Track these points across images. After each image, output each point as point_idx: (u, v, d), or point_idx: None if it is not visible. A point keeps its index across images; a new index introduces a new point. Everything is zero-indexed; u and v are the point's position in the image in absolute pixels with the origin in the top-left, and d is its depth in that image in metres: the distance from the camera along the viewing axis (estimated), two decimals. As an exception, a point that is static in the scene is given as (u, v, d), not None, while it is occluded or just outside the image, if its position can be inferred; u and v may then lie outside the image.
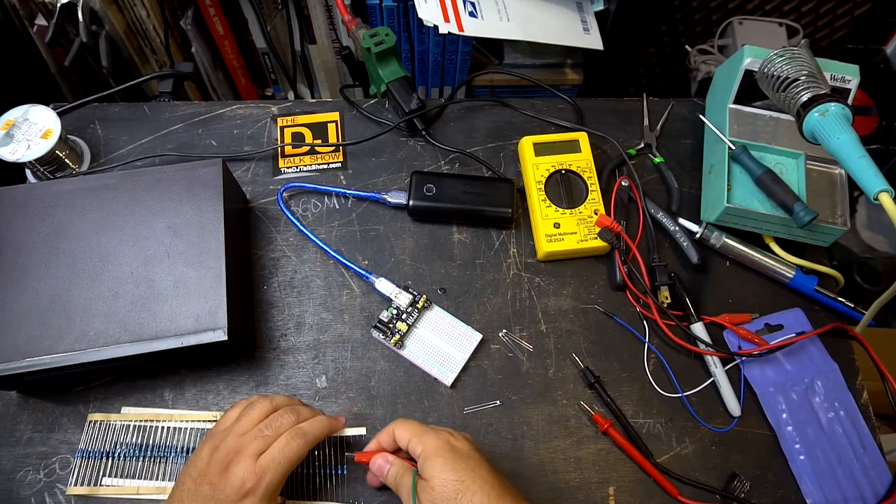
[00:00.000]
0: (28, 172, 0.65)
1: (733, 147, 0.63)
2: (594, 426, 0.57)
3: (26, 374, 0.50)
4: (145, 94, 0.96)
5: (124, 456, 0.54)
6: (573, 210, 0.64)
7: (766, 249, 0.65)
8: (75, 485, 0.53)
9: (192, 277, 0.53)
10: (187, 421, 0.56)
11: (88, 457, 0.54)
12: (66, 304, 0.52)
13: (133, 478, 0.54)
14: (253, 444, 0.47)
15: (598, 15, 0.89)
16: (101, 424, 0.55)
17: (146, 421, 0.56)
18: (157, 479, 0.54)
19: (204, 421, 0.56)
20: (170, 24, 0.95)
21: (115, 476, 0.54)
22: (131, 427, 0.55)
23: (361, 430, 0.55)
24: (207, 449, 0.48)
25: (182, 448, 0.55)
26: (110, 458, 0.54)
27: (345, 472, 0.54)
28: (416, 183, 0.64)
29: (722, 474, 0.57)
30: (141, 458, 0.54)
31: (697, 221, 0.65)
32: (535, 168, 0.66)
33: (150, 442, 0.55)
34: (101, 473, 0.54)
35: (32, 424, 0.56)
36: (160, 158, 0.66)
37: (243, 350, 0.58)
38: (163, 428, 0.55)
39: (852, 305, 0.62)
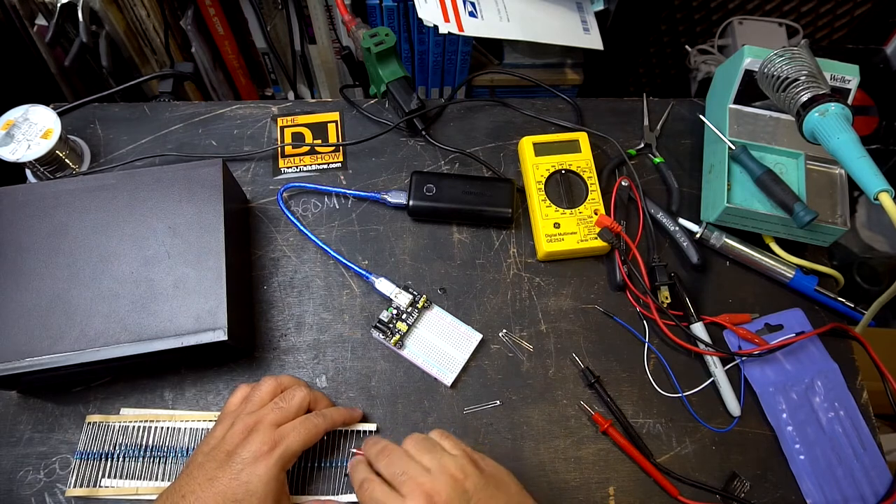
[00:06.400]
0: (28, 172, 0.65)
1: (733, 147, 0.63)
2: (594, 426, 0.57)
3: (26, 374, 0.50)
4: (145, 94, 0.96)
5: (123, 457, 0.54)
6: (573, 210, 0.64)
7: (766, 249, 0.65)
8: (74, 486, 0.53)
9: (192, 277, 0.53)
10: (186, 421, 0.56)
11: (87, 458, 0.54)
12: (66, 304, 0.52)
13: (132, 478, 0.54)
14: (271, 415, 0.49)
15: (598, 15, 0.89)
16: (99, 426, 0.55)
17: (145, 421, 0.56)
18: (156, 479, 0.53)
19: (202, 421, 0.56)
20: (170, 24, 0.95)
21: (114, 477, 0.54)
22: (130, 428, 0.55)
23: (372, 426, 0.56)
24: (221, 428, 0.49)
25: (181, 448, 0.55)
26: (109, 459, 0.54)
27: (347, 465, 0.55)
28: (416, 183, 0.64)
29: (722, 474, 0.57)
30: (140, 459, 0.54)
31: (697, 221, 0.65)
32: (535, 168, 0.66)
33: (149, 442, 0.55)
34: (100, 474, 0.54)
35: (32, 424, 0.56)
36: (160, 158, 0.66)
37: (243, 350, 0.58)
38: (162, 428, 0.55)
39: (852, 305, 0.62)
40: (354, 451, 0.54)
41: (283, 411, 0.50)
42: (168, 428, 0.55)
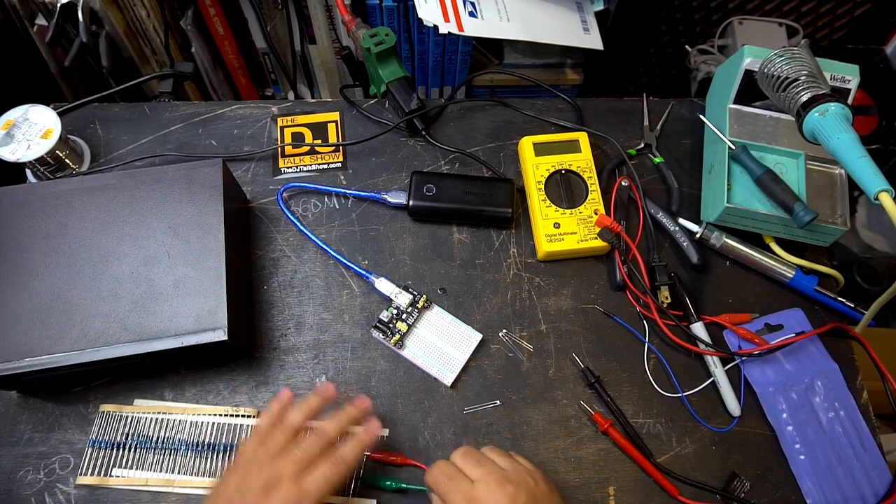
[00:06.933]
0: (28, 172, 0.65)
1: (733, 147, 0.63)
2: (594, 426, 0.57)
3: (26, 374, 0.50)
4: (145, 94, 0.96)
5: (134, 447, 0.54)
6: (573, 210, 0.64)
7: (766, 249, 0.65)
8: (84, 474, 0.53)
9: (192, 277, 0.53)
10: (199, 415, 0.56)
11: (99, 447, 0.54)
12: (66, 304, 0.52)
13: (142, 469, 0.54)
14: (290, 468, 0.46)
15: (598, 15, 0.89)
16: (112, 415, 0.56)
17: (157, 413, 0.56)
18: (166, 471, 0.54)
19: (214, 415, 0.56)
20: (170, 24, 0.95)
21: (125, 467, 0.54)
22: (143, 419, 0.55)
23: (384, 431, 0.56)
24: (234, 479, 0.47)
25: (192, 441, 0.55)
26: (121, 450, 0.54)
27: (361, 469, 0.54)
28: (416, 183, 0.64)
29: (722, 474, 0.57)
30: (151, 450, 0.54)
31: (697, 221, 0.65)
32: (535, 168, 0.66)
33: (161, 434, 0.55)
34: (111, 464, 0.54)
35: (32, 424, 0.56)
36: (160, 158, 0.66)
37: (243, 350, 0.58)
38: (174, 421, 0.56)
39: (852, 305, 0.62)
40: (368, 454, 0.54)
41: (302, 463, 0.47)
42: (180, 421, 0.56)
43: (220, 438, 0.55)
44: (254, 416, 0.56)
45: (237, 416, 0.56)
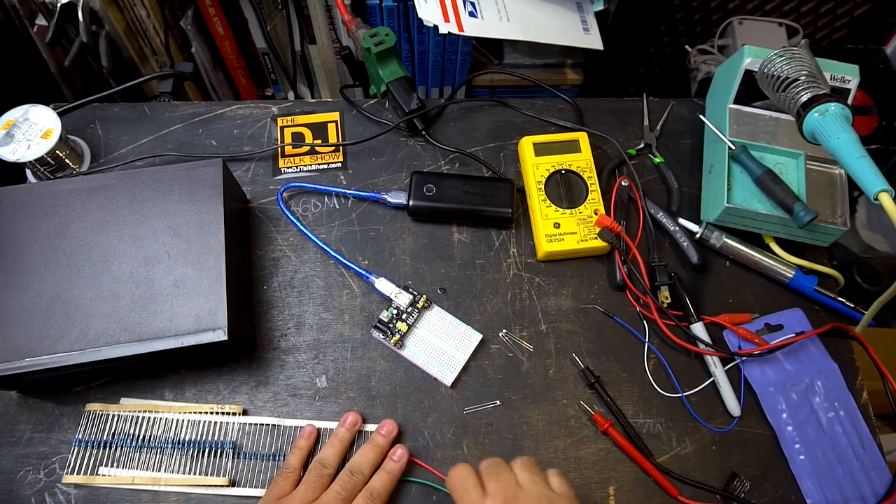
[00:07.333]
0: (28, 172, 0.65)
1: (733, 147, 0.63)
2: (594, 426, 0.58)
3: (26, 374, 0.50)
4: (145, 94, 0.96)
5: (120, 446, 0.54)
6: (573, 210, 0.64)
7: (766, 249, 0.65)
8: (71, 473, 0.53)
9: (192, 277, 0.53)
10: (184, 413, 0.56)
11: (85, 446, 0.54)
12: (66, 304, 0.52)
13: (129, 468, 0.54)
14: None
15: (598, 15, 0.89)
16: (99, 414, 0.56)
17: (144, 412, 0.56)
18: (152, 469, 0.54)
19: (201, 413, 0.56)
20: (170, 24, 0.95)
21: (111, 466, 0.54)
22: (129, 417, 0.55)
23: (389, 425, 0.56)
24: None
25: (179, 440, 0.55)
26: (107, 448, 0.54)
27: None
28: (416, 183, 0.64)
29: (722, 474, 0.57)
30: (138, 449, 0.54)
31: (697, 221, 0.65)
32: (535, 168, 0.66)
33: (147, 433, 0.55)
34: (97, 463, 0.54)
35: (32, 424, 0.56)
36: (160, 158, 0.66)
37: (243, 350, 0.58)
38: (161, 419, 0.55)
39: (852, 305, 0.62)
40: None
41: (346, 502, 0.50)
42: (167, 419, 0.55)
43: (207, 436, 0.55)
44: (238, 414, 0.56)
45: (222, 413, 0.56)
